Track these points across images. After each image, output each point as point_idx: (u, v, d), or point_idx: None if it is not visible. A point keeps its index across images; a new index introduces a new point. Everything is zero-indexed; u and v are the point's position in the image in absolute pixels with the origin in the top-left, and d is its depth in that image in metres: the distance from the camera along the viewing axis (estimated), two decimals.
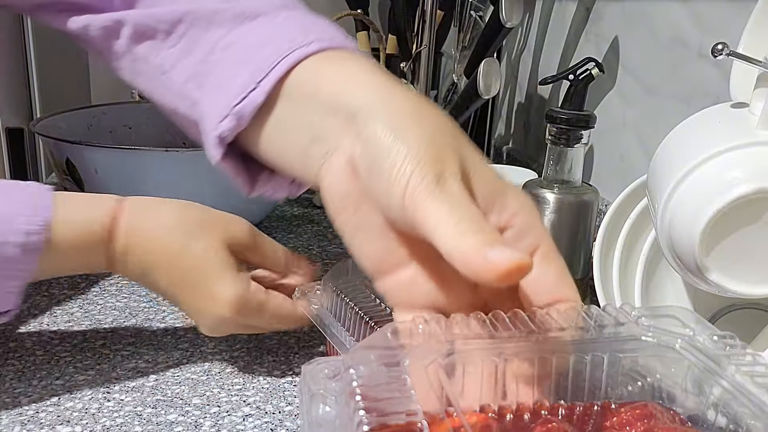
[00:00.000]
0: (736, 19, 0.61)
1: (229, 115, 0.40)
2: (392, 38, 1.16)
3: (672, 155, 0.46)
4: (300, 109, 0.38)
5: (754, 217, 0.42)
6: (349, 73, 0.37)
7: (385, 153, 0.31)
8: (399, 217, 0.31)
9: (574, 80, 0.64)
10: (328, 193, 0.35)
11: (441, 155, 0.30)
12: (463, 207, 0.29)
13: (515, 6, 0.87)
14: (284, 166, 0.41)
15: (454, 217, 0.28)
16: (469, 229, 0.28)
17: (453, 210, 0.29)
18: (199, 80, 0.45)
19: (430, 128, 0.32)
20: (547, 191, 0.63)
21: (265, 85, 0.39)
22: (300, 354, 0.58)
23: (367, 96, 0.34)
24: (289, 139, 0.39)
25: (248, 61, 0.41)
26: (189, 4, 0.46)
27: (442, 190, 0.29)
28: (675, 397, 0.40)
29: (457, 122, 0.95)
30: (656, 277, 0.57)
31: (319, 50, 0.40)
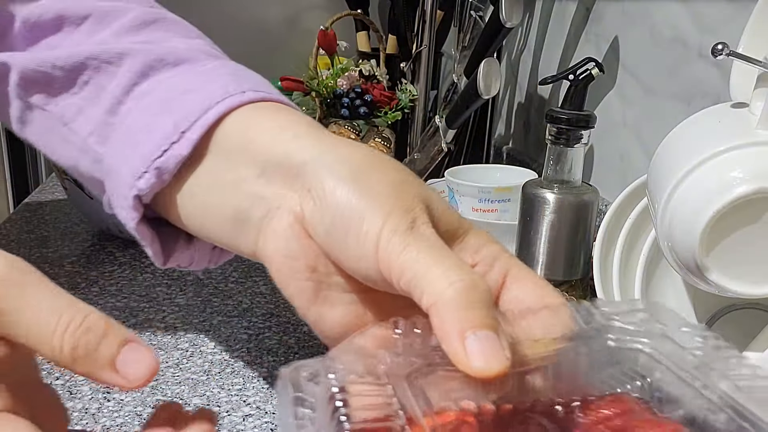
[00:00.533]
0: (736, 19, 0.61)
1: (148, 171, 0.34)
2: (392, 38, 1.16)
3: (672, 155, 0.46)
4: (231, 163, 0.33)
5: (754, 217, 0.42)
6: (287, 126, 0.33)
7: (348, 208, 0.28)
8: (372, 274, 0.28)
9: (574, 80, 0.64)
10: (275, 260, 0.31)
11: (408, 204, 0.29)
12: (445, 254, 0.28)
13: (515, 6, 0.87)
14: (210, 231, 0.34)
15: (440, 266, 0.27)
16: (461, 283, 0.26)
17: (436, 257, 0.27)
18: (104, 133, 0.38)
19: (390, 177, 0.30)
20: (547, 191, 0.63)
21: (191, 136, 0.33)
22: (300, 354, 0.58)
23: (312, 149, 0.31)
24: (217, 199, 0.33)
25: (169, 111, 0.35)
26: (95, 47, 0.39)
27: (416, 238, 0.28)
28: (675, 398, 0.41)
29: (457, 122, 0.95)
30: (656, 277, 0.57)
31: (254, 100, 0.35)
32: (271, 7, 1.39)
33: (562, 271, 0.64)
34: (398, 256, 0.27)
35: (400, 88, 1.07)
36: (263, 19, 1.39)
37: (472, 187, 0.78)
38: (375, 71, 1.05)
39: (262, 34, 1.40)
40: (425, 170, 1.01)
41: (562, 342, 0.28)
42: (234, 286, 0.70)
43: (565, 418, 0.25)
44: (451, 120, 0.96)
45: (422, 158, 1.03)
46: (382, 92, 1.02)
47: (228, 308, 0.65)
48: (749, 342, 0.49)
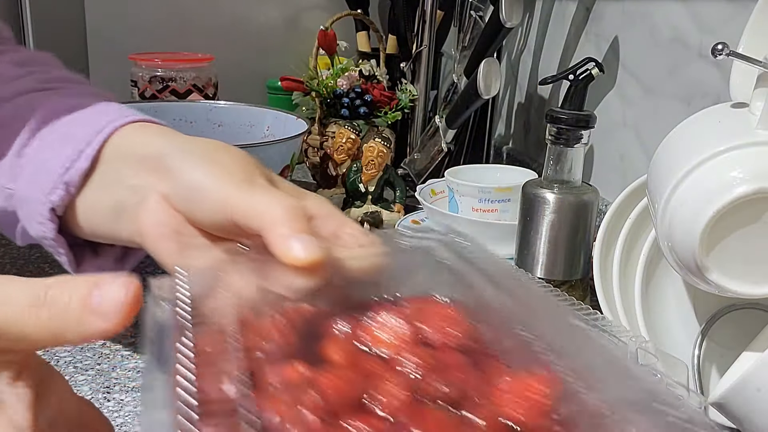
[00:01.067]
0: (736, 19, 0.61)
1: (58, 187, 0.43)
2: (392, 38, 1.16)
3: (672, 155, 0.46)
4: (115, 167, 0.42)
5: (754, 217, 0.42)
6: (153, 133, 0.43)
7: (200, 180, 0.37)
8: (226, 225, 0.36)
9: (574, 80, 0.64)
10: (148, 231, 0.39)
11: (248, 170, 0.38)
12: (275, 192, 0.36)
13: (515, 6, 0.87)
14: (97, 225, 0.43)
15: (272, 199, 0.35)
16: (289, 216, 0.34)
17: (269, 196, 0.35)
18: (14, 173, 0.45)
19: (233, 155, 0.39)
20: (547, 191, 0.63)
21: (89, 153, 0.42)
22: None
23: (171, 144, 0.41)
24: (104, 197, 0.42)
25: (69, 140, 0.43)
26: None
27: (254, 187, 0.36)
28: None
29: (457, 122, 0.95)
30: (656, 277, 0.57)
31: (136, 121, 0.45)
32: (271, 7, 1.39)
33: (562, 271, 0.64)
34: (243, 202, 0.35)
35: (400, 88, 1.07)
36: (263, 19, 1.39)
37: (472, 187, 0.78)
38: (375, 71, 1.05)
39: (262, 34, 1.40)
40: (425, 170, 1.01)
41: (376, 254, 0.35)
42: None
43: (370, 312, 0.30)
44: (451, 120, 0.96)
45: (422, 158, 1.03)
46: (382, 92, 1.02)
47: None
48: (749, 342, 0.49)
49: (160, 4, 1.33)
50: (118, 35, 1.31)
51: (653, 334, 0.54)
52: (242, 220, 0.35)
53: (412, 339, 0.29)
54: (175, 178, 0.39)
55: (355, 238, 0.37)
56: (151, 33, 1.33)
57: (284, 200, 0.35)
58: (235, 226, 0.36)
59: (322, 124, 1.01)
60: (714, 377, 0.53)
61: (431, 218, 0.83)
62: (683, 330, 0.55)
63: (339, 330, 0.29)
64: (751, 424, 0.42)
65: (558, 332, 0.30)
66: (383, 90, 1.03)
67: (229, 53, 1.34)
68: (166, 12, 1.33)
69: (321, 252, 0.32)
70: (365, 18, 1.12)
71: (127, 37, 1.31)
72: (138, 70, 1.16)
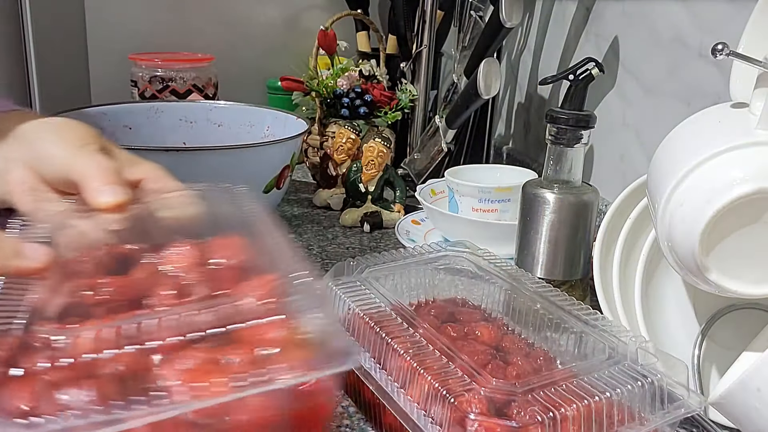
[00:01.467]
0: (736, 19, 0.61)
1: None
2: (392, 38, 1.16)
3: (672, 155, 0.46)
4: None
5: (754, 217, 0.42)
6: (20, 118, 0.52)
7: (47, 148, 0.49)
8: (68, 182, 0.47)
9: (574, 80, 0.64)
10: (12, 186, 0.49)
11: (83, 139, 0.49)
12: (97, 157, 0.48)
13: (515, 6, 0.87)
14: None
15: (93, 160, 0.47)
16: (101, 172, 0.46)
17: (93, 159, 0.47)
18: None
19: (75, 130, 0.51)
20: (547, 191, 0.63)
21: None
22: None
23: (30, 123, 0.51)
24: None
25: None
26: None
27: (84, 153, 0.48)
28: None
29: (457, 122, 0.95)
30: (656, 277, 0.57)
31: (9, 110, 0.54)
32: (271, 7, 1.39)
33: (562, 271, 0.64)
34: (73, 164, 0.47)
35: (400, 88, 1.07)
36: (263, 19, 1.39)
37: (472, 187, 0.78)
38: (375, 71, 1.05)
39: (262, 34, 1.40)
40: (425, 170, 1.01)
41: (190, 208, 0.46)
42: None
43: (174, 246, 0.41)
44: (451, 120, 0.96)
45: (422, 158, 1.03)
46: (382, 92, 1.02)
47: None
48: (749, 342, 0.49)
49: (160, 4, 1.33)
50: (118, 35, 1.31)
51: (653, 334, 0.54)
52: (74, 177, 0.46)
53: (198, 261, 0.40)
54: (33, 149, 0.50)
55: (177, 195, 0.49)
56: (151, 33, 1.33)
57: (102, 162, 0.47)
58: (75, 185, 0.47)
59: (322, 124, 1.01)
60: (714, 377, 0.53)
61: (431, 218, 0.83)
62: (683, 330, 0.55)
63: (144, 257, 0.41)
64: (751, 424, 0.43)
65: None
66: (383, 90, 1.03)
67: (229, 53, 1.34)
68: (166, 12, 1.33)
69: (125, 195, 0.44)
70: (365, 18, 1.12)
71: (127, 37, 1.31)
72: (138, 70, 1.16)
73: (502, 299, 0.53)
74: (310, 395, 0.35)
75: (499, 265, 0.56)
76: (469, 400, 0.38)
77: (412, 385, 0.40)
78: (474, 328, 0.48)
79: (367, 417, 0.49)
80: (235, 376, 0.31)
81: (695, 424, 0.49)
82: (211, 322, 0.33)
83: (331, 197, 0.96)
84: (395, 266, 0.55)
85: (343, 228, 0.90)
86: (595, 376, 0.40)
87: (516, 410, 0.37)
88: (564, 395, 0.38)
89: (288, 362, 0.32)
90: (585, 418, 0.37)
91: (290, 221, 0.92)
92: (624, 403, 0.39)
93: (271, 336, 0.33)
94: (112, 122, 0.91)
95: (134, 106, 0.95)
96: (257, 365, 0.32)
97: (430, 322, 0.47)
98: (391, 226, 0.89)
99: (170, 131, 0.94)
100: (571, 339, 0.46)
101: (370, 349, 0.45)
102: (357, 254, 0.81)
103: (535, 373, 0.42)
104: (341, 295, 0.49)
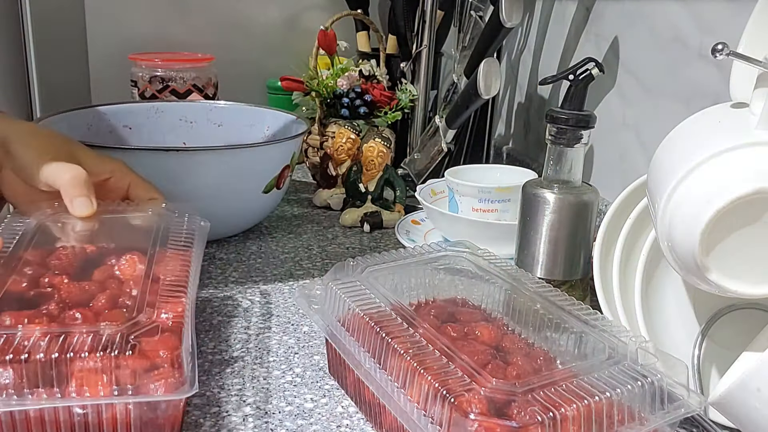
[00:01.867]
0: (736, 19, 0.61)
1: None
2: (392, 38, 1.16)
3: (672, 155, 0.46)
4: None
5: (754, 217, 0.42)
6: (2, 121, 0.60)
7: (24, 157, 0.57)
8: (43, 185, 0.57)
9: (574, 80, 0.64)
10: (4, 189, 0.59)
11: (52, 149, 0.58)
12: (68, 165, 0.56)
13: (515, 6, 0.87)
14: None
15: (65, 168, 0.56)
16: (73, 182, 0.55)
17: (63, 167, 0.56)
18: None
19: (43, 139, 0.59)
20: (547, 191, 0.63)
21: None
22: (300, 354, 0.58)
23: (9, 127, 0.59)
24: None
25: None
26: None
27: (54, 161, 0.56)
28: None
29: (457, 122, 0.95)
30: (656, 277, 0.57)
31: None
32: (271, 7, 1.39)
33: (562, 271, 0.64)
34: (47, 172, 0.56)
35: (400, 88, 1.07)
36: (263, 19, 1.39)
37: (472, 187, 0.78)
38: (375, 71, 1.05)
39: (262, 34, 1.40)
40: (425, 170, 1.01)
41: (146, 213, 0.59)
42: (234, 285, 0.70)
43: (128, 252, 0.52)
44: (451, 120, 0.96)
45: (422, 158, 1.03)
46: (382, 92, 1.02)
47: (228, 308, 0.65)
48: (749, 342, 0.49)
49: (160, 5, 1.33)
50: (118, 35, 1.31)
51: (653, 334, 0.54)
52: (51, 183, 0.56)
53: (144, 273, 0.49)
54: (13, 158, 0.57)
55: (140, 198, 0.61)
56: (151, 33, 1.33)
57: (71, 171, 0.56)
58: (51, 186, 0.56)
59: (322, 124, 1.01)
60: (714, 377, 0.53)
61: (431, 218, 0.83)
62: (683, 330, 0.55)
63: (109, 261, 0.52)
64: (751, 424, 0.43)
65: None
66: (383, 90, 1.03)
67: (229, 53, 1.34)
68: (166, 12, 1.33)
69: (93, 209, 0.55)
70: (365, 18, 1.12)
71: (127, 37, 1.31)
72: (138, 70, 1.16)
73: (502, 299, 0.53)
74: None
75: (499, 265, 0.56)
76: (469, 400, 0.38)
77: (412, 385, 0.40)
78: (474, 328, 0.48)
79: (367, 417, 0.49)
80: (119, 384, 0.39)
81: (695, 424, 0.49)
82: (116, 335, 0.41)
83: (331, 197, 0.96)
84: (395, 266, 0.55)
85: (343, 228, 0.90)
86: (595, 376, 0.40)
87: (516, 410, 0.37)
88: (564, 395, 0.38)
89: (161, 379, 0.40)
90: (585, 418, 0.37)
91: (290, 221, 0.92)
92: (624, 403, 0.39)
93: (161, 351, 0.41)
94: (112, 122, 0.91)
95: (134, 106, 0.95)
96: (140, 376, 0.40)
97: (430, 322, 0.47)
98: (391, 226, 0.89)
99: (170, 131, 0.94)
100: (571, 339, 0.46)
101: (370, 349, 0.45)
102: (357, 254, 0.81)
103: (535, 373, 0.42)
104: (341, 295, 0.49)
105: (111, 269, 0.51)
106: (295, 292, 0.54)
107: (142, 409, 0.41)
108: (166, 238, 0.55)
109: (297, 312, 0.65)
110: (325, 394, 0.52)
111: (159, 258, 0.51)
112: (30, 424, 0.40)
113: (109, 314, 0.44)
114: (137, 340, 0.41)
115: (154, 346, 0.41)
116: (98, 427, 0.41)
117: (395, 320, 0.46)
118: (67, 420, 0.40)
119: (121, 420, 0.41)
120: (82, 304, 0.46)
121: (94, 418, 0.40)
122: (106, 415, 0.40)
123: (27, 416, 0.39)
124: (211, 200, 0.73)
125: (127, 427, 0.41)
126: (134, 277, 0.49)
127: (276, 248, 0.81)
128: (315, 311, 0.51)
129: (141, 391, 0.39)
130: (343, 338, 0.47)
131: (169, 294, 0.46)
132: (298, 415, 0.49)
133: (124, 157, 0.70)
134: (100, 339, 0.40)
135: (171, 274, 0.49)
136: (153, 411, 0.42)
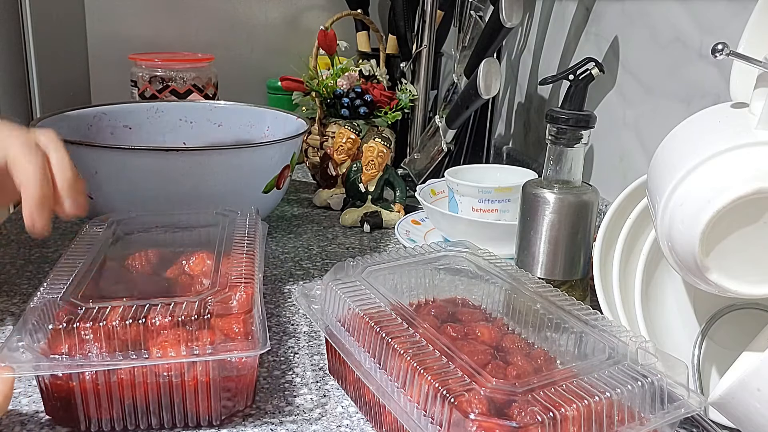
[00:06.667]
0: (736, 19, 0.61)
1: None
2: (392, 38, 1.16)
3: (672, 155, 0.46)
4: None
5: (754, 217, 0.42)
6: None
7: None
8: None
9: (574, 80, 0.64)
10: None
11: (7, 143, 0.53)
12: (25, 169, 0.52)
13: (515, 6, 0.87)
14: None
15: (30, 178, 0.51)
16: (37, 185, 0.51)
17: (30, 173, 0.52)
18: None
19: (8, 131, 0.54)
20: (547, 191, 0.63)
21: None
22: (300, 354, 0.58)
23: None
24: None
25: None
26: None
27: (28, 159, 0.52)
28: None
29: (457, 122, 0.95)
30: (656, 277, 0.57)
31: None
32: (271, 7, 1.39)
33: (562, 271, 0.64)
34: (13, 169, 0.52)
35: (400, 88, 1.07)
36: (263, 19, 1.40)
37: (472, 187, 0.78)
38: (375, 71, 1.05)
39: (262, 34, 1.40)
40: (425, 170, 1.01)
41: None
42: None
43: None
44: (451, 120, 0.96)
45: (422, 158, 1.03)
46: (382, 92, 1.02)
47: None
48: (749, 342, 0.49)
49: (160, 5, 1.33)
50: (118, 35, 1.31)
51: (653, 334, 0.54)
52: None
53: None
54: None
55: None
56: (151, 33, 1.33)
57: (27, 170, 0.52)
58: None
59: (322, 124, 1.01)
60: (714, 377, 0.53)
61: (431, 218, 0.83)
62: (683, 330, 0.55)
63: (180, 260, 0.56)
64: (751, 424, 0.43)
65: None
66: (383, 90, 1.03)
67: (229, 53, 1.34)
68: (166, 12, 1.33)
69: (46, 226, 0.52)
70: (365, 18, 1.12)
71: (127, 37, 1.31)
72: (138, 70, 1.16)
73: (502, 299, 0.53)
74: None
75: (499, 265, 0.56)
76: (469, 400, 0.38)
77: (412, 385, 0.40)
78: (474, 328, 0.48)
79: (367, 417, 0.49)
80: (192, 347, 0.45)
81: (695, 424, 0.49)
82: None
83: (331, 197, 0.96)
84: (395, 266, 0.55)
85: (343, 228, 0.90)
86: (595, 376, 0.40)
87: (516, 410, 0.37)
88: (564, 395, 0.38)
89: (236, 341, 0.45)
90: (585, 418, 0.37)
91: (290, 221, 0.92)
92: (624, 403, 0.39)
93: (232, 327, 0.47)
94: (112, 122, 0.91)
95: (134, 106, 0.95)
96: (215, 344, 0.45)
97: (430, 322, 0.47)
98: (391, 226, 0.89)
99: (170, 131, 0.94)
100: (571, 339, 0.46)
101: (370, 349, 0.45)
102: (357, 254, 0.81)
103: (535, 373, 0.42)
104: (341, 295, 0.49)
105: (182, 267, 0.55)
106: (295, 292, 0.54)
107: (221, 369, 0.46)
108: (231, 237, 0.59)
109: (297, 312, 0.65)
110: (325, 394, 0.52)
111: (225, 255, 0.55)
112: (122, 385, 0.45)
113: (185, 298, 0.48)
114: (213, 315, 0.46)
115: (228, 321, 0.46)
116: (181, 386, 0.46)
117: (395, 320, 0.46)
118: (154, 382, 0.45)
119: (202, 382, 0.46)
120: (158, 295, 0.49)
121: (177, 380, 0.45)
122: (188, 377, 0.45)
123: (119, 378, 0.45)
124: (211, 200, 0.73)
125: (207, 387, 0.46)
126: (204, 272, 0.54)
127: (276, 248, 0.81)
128: (315, 311, 0.51)
129: (219, 351, 0.44)
130: (343, 338, 0.47)
131: (238, 282, 0.50)
132: (298, 415, 0.49)
133: (124, 156, 0.70)
134: (178, 316, 0.45)
135: (238, 266, 0.53)
136: (230, 371, 0.47)
